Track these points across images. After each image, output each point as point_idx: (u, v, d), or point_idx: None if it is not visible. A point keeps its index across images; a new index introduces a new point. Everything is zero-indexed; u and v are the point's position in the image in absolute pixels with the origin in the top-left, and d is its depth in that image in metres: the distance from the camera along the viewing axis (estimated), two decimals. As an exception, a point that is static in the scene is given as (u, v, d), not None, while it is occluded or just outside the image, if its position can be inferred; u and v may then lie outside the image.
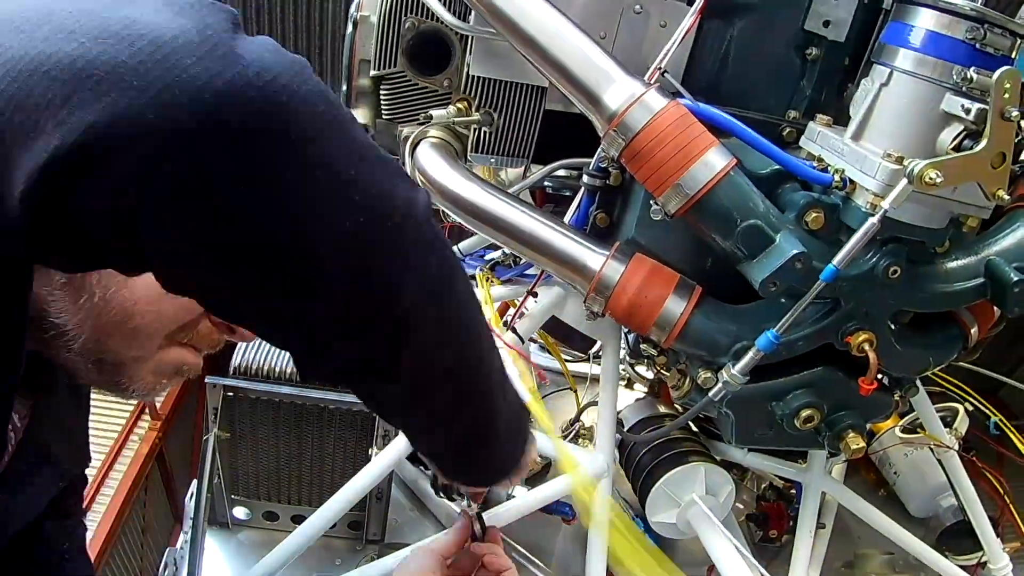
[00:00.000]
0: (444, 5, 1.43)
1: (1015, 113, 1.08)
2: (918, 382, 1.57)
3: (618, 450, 1.84)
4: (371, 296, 0.63)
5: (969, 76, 1.13)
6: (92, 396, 1.12)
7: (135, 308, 0.82)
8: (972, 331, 1.46)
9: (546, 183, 1.66)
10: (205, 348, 0.96)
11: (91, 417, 1.12)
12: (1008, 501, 2.23)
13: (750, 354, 1.26)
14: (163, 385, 0.94)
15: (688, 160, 1.19)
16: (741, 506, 2.14)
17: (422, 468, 1.97)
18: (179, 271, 0.57)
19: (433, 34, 1.51)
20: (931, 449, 2.15)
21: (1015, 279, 1.28)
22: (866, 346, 1.30)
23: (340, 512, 1.67)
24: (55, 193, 0.50)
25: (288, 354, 0.82)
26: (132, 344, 0.85)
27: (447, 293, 0.71)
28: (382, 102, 1.60)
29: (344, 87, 1.61)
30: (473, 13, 1.41)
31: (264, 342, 1.77)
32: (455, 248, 2.00)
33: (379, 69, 1.55)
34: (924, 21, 1.17)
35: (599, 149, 1.39)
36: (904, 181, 1.11)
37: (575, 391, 2.40)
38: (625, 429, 1.98)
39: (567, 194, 1.66)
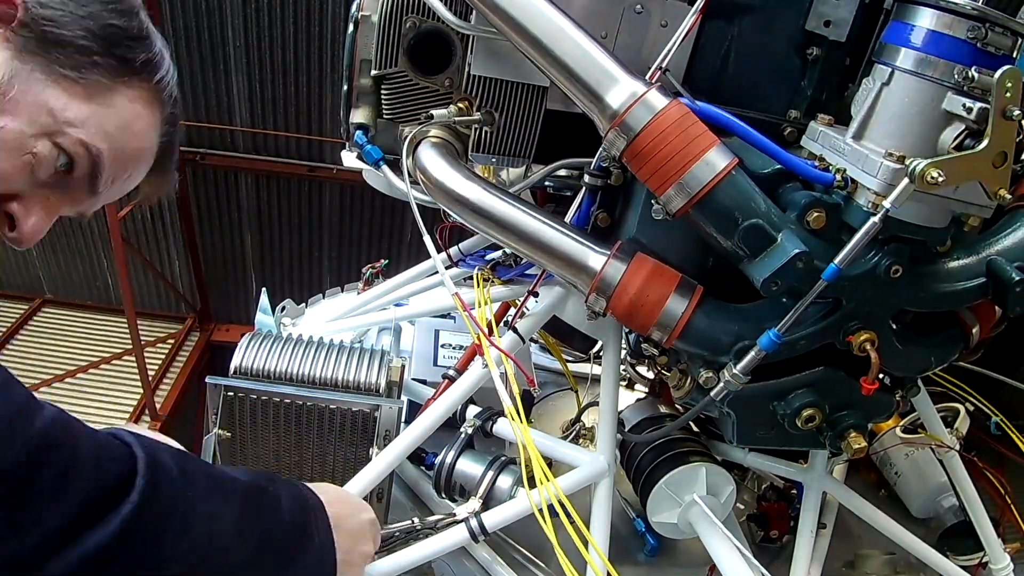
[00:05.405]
0: (445, 4, 1.43)
1: (1016, 112, 1.09)
2: (919, 382, 1.58)
3: (619, 450, 1.84)
4: None
5: (970, 75, 1.13)
6: (91, 397, 1.11)
7: None
8: (974, 331, 1.46)
9: (547, 183, 1.66)
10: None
11: (90, 418, 1.11)
12: (1009, 501, 2.23)
13: (752, 353, 1.26)
14: None
15: (690, 159, 1.19)
16: (742, 506, 2.13)
17: (423, 469, 1.97)
18: None
19: (434, 34, 1.51)
20: (932, 449, 2.15)
21: (1016, 278, 1.28)
22: (867, 346, 1.29)
23: (341, 512, 1.67)
24: None
25: (289, 353, 0.82)
26: None
27: None
28: (383, 102, 1.60)
29: (345, 87, 1.61)
30: (474, 12, 1.41)
31: (264, 342, 1.77)
32: (456, 248, 2.00)
33: (380, 69, 1.55)
34: (925, 20, 1.18)
35: (600, 148, 1.39)
36: (906, 180, 1.11)
37: (576, 391, 2.40)
38: (626, 429, 1.98)
39: (568, 194, 1.67)
